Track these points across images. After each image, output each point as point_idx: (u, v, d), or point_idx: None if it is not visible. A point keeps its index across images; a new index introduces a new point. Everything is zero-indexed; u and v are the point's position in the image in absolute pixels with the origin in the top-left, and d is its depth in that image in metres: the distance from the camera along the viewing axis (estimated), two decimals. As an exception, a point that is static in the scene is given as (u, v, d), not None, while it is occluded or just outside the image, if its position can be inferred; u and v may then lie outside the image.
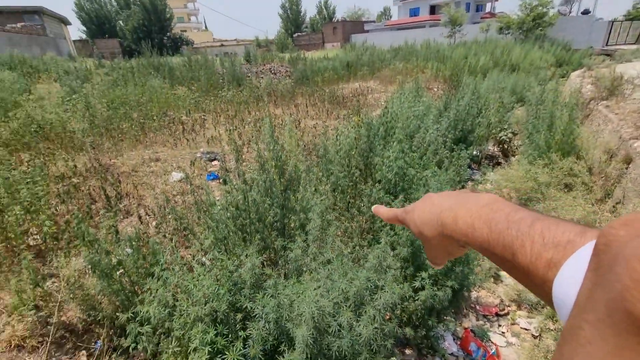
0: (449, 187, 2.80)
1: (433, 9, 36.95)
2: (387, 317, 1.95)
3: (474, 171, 5.25)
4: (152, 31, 31.62)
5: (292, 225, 2.12)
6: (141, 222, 3.11)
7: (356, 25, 39.71)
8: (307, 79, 10.78)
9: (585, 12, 28.87)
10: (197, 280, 1.49)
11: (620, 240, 0.19)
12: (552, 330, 2.53)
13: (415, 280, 2.14)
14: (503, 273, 3.29)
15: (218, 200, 2.88)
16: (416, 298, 2.21)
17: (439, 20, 25.47)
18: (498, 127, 5.76)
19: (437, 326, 2.50)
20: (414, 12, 39.27)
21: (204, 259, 2.06)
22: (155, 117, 6.16)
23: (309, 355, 1.25)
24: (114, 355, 2.24)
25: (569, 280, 0.26)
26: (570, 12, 35.92)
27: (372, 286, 1.47)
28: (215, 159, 4.84)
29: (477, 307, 2.95)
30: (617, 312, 0.17)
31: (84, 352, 2.29)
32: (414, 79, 6.14)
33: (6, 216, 2.58)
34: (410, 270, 2.34)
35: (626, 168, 3.77)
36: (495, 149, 5.98)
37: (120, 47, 29.00)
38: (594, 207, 3.32)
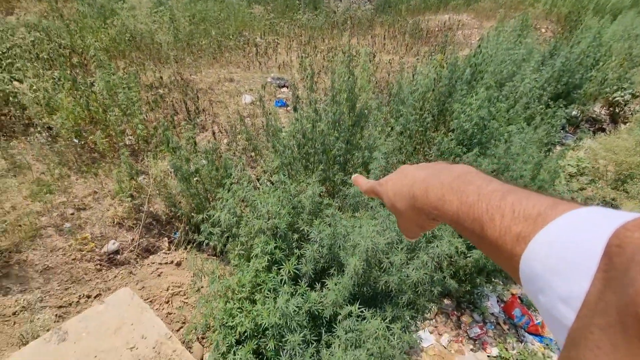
0: (535, 148, 2.48)
1: None
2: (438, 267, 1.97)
3: (568, 134, 4.55)
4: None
5: (355, 161, 2.11)
6: (215, 138, 3.36)
7: (459, -59, 33.09)
8: (389, 7, 9.68)
9: None
10: (263, 197, 1.60)
11: (636, 243, 0.19)
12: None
13: (472, 238, 2.07)
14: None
15: (284, 127, 2.95)
16: (468, 255, 2.16)
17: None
18: (615, 86, 4.74)
19: (484, 285, 2.47)
20: None
21: (269, 179, 2.20)
22: (231, 37, 6.20)
23: (356, 283, 1.34)
24: (189, 246, 2.66)
25: (536, 255, 0.25)
26: None
27: (430, 234, 1.46)
28: (284, 86, 4.84)
29: (532, 277, 2.82)
30: (629, 317, 0.16)
31: (165, 239, 2.74)
32: (520, 15, 5.13)
33: (108, 115, 2.97)
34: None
35: None
36: (603, 112, 5.03)
37: (202, -42, 28.46)
38: None
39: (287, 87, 4.75)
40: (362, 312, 1.30)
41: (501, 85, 3.49)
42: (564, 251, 0.23)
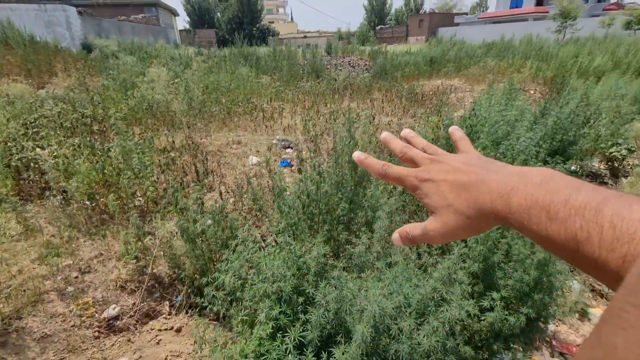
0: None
1: (541, 0, 32.60)
2: (451, 332, 1.87)
3: (570, 189, 4.59)
4: (243, 22, 34.12)
5: (359, 221, 2.13)
6: (222, 198, 3.45)
7: (445, 17, 37.16)
8: (385, 74, 10.54)
9: None
10: (268, 259, 1.61)
11: None
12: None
13: (484, 300, 1.99)
14: (593, 311, 2.84)
15: (288, 187, 3.04)
16: (482, 318, 2.05)
17: (546, 12, 22.38)
18: (610, 141, 4.90)
19: (502, 352, 2.30)
20: (516, 4, 35.13)
21: (275, 239, 2.21)
22: (240, 103, 6.70)
23: (364, 352, 1.27)
24: (190, 311, 2.57)
25: None
26: None
27: (438, 297, 1.42)
28: (289, 147, 5.08)
29: (554, 342, 2.63)
30: None
31: (167, 302, 2.66)
32: (507, 79, 5.55)
33: (121, 178, 3.10)
34: (479, 287, 2.18)
35: None
36: (602, 167, 5.13)
37: (215, 37, 31.97)
38: None
39: (292, 148, 4.97)
40: (372, 385, 1.22)
41: (497, 144, 3.64)
42: None
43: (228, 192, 3.67)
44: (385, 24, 44.30)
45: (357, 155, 0.48)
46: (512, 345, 2.39)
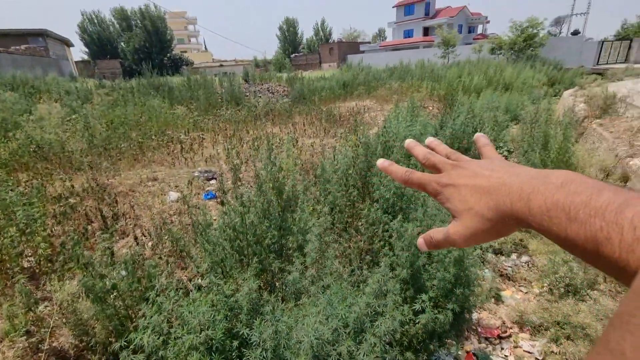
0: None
1: (426, 31, 38.10)
2: (389, 342, 1.91)
3: (472, 189, 5.28)
4: (152, 52, 32.37)
5: (290, 246, 2.10)
6: (137, 244, 3.07)
7: (352, 46, 40.82)
8: (304, 98, 10.96)
9: (575, 32, 29.91)
10: (193, 306, 1.45)
11: None
12: (556, 354, 2.48)
13: (415, 303, 2.10)
14: (505, 294, 3.23)
15: (215, 220, 2.86)
16: (417, 321, 2.16)
17: (433, 41, 26.24)
18: (494, 145, 5.83)
19: (438, 350, 2.44)
20: (408, 34, 40.44)
21: (200, 282, 2.03)
22: (153, 137, 6.21)
23: (307, 386, 1.21)
24: (104, 385, 2.16)
25: None
26: (560, 33, 37.13)
27: (372, 312, 1.45)
28: (213, 178, 4.84)
29: (479, 329, 2.90)
30: None
31: (74, 380, 2.20)
32: (409, 98, 6.26)
33: (1, 238, 2.55)
34: (410, 292, 2.30)
35: (624, 186, 3.80)
36: (492, 167, 6.03)
37: (120, 68, 29.56)
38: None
39: (216, 179, 4.75)
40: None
41: (408, 157, 4.02)
42: None
43: (145, 236, 3.29)
44: (299, 52, 46.62)
45: (381, 162, 0.48)
46: (446, 341, 2.56)
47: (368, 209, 2.73)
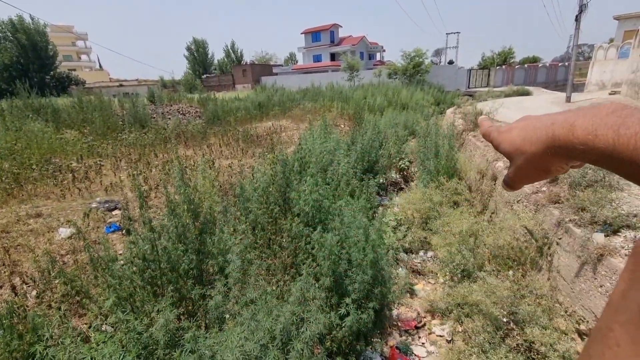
0: (362, 215, 3.04)
1: (333, 56, 41.22)
2: (317, 351, 1.95)
3: (383, 198, 5.80)
4: (29, 69, 27.61)
5: (211, 270, 2.01)
6: (15, 294, 2.52)
7: (265, 68, 41.56)
8: (219, 119, 10.66)
9: (450, 62, 36.13)
10: (96, 351, 1.28)
11: None
12: (460, 332, 2.85)
13: (340, 307, 2.21)
14: (417, 287, 3.61)
15: (121, 254, 2.55)
16: (343, 325, 2.26)
17: (340, 65, 28.51)
18: (397, 157, 6.56)
19: (365, 349, 2.58)
20: (317, 58, 43.13)
21: (104, 325, 1.77)
22: (34, 166, 5.25)
23: (236, 408, 1.17)
24: None
25: None
26: (440, 62, 44.20)
27: (298, 320, 1.48)
28: (116, 208, 4.30)
29: (399, 323, 3.16)
30: None
31: None
32: (322, 117, 6.66)
33: None
34: (335, 299, 2.40)
35: (494, 184, 4.67)
36: (398, 176, 6.75)
37: (-17, 87, 24.30)
38: (476, 219, 3.97)
39: (119, 209, 4.24)
40: None
41: (325, 170, 4.25)
42: None
43: (26, 283, 2.73)
44: (211, 73, 45.36)
45: (481, 118, 0.52)
46: (371, 340, 2.72)
47: (290, 223, 2.78)
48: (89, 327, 2.09)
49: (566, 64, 26.65)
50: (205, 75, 42.30)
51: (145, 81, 36.53)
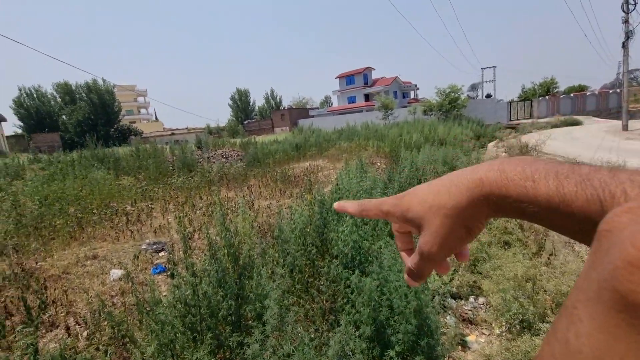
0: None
1: (367, 97, 42.47)
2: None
3: (425, 237, 5.52)
4: (98, 124, 31.59)
5: (249, 316, 1.98)
6: (69, 335, 2.66)
7: (302, 111, 43.78)
8: (258, 162, 11.17)
9: (488, 95, 35.56)
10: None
11: (621, 227, 0.20)
12: (525, 395, 2.47)
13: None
14: (470, 339, 3.25)
15: (165, 295, 2.61)
16: (387, 381, 2.06)
17: (374, 105, 29.19)
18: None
19: (413, 412, 2.31)
20: (352, 100, 44.68)
21: (145, 371, 1.78)
22: (95, 210, 5.77)
23: None
24: None
25: None
26: (477, 96, 43.64)
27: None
28: (162, 250, 4.52)
29: (451, 381, 2.82)
30: (606, 290, 0.18)
31: None
32: (357, 156, 6.71)
33: None
34: (377, 350, 2.23)
35: (549, 222, 4.26)
36: (440, 214, 6.43)
37: (60, 141, 28.07)
38: (532, 261, 3.60)
39: (166, 251, 4.44)
40: None
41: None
42: None
43: (79, 324, 2.87)
44: (252, 119, 48.64)
45: (335, 205, 0.46)
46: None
47: (328, 266, 2.72)
48: (131, 373, 2.11)
49: (617, 90, 25.04)
50: (246, 121, 45.38)
51: (194, 129, 39.97)
